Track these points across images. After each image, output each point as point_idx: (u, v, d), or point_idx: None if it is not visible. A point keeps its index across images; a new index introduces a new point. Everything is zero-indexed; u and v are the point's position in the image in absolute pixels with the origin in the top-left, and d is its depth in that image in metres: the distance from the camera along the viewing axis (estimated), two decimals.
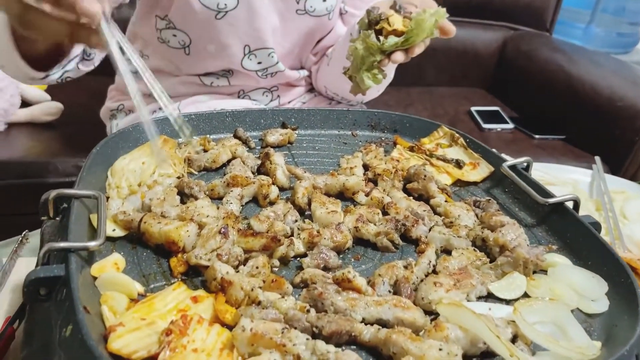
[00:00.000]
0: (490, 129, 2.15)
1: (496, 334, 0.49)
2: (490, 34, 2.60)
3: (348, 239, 0.67)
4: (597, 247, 0.64)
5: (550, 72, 2.30)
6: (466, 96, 2.49)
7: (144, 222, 0.61)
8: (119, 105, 1.29)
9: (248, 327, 0.49)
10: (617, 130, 1.94)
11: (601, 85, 2.06)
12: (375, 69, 0.90)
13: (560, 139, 2.14)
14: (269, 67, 1.14)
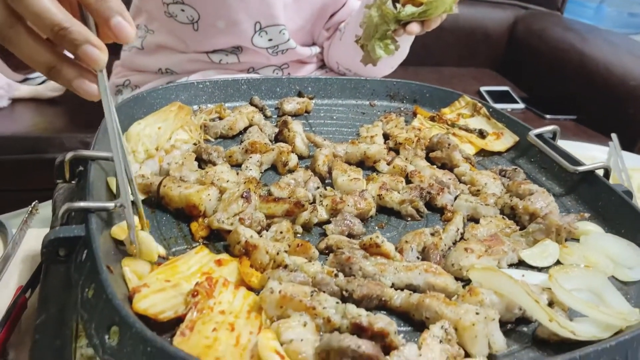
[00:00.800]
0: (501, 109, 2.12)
1: (535, 299, 0.47)
2: (500, 13, 2.55)
3: (372, 206, 0.65)
4: (630, 215, 0.62)
5: (562, 51, 2.26)
6: (475, 76, 2.45)
7: (164, 185, 0.59)
8: (125, 81, 1.26)
9: (277, 289, 0.47)
10: (631, 109, 1.91)
11: (614, 65, 2.02)
12: (388, 39, 0.87)
13: (572, 119, 2.11)
14: (279, 44, 1.11)
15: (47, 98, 1.75)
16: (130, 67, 1.25)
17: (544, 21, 2.45)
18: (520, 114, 2.14)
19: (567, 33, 2.31)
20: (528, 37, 2.45)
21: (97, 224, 0.50)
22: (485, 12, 2.52)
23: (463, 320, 0.46)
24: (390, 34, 0.86)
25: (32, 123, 1.65)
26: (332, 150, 0.74)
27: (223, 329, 0.44)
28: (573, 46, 2.22)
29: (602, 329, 0.47)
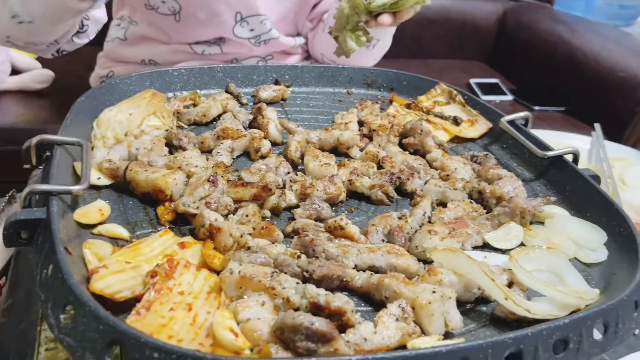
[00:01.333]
0: (489, 101, 2.11)
1: (491, 278, 0.47)
2: (490, 5, 2.55)
3: (342, 191, 0.65)
4: (596, 199, 0.63)
5: (551, 43, 2.26)
6: (465, 68, 2.45)
7: (130, 169, 0.59)
8: (109, 72, 1.26)
9: (236, 269, 0.47)
10: (618, 100, 1.91)
11: (602, 56, 2.03)
12: (360, 30, 0.86)
13: (560, 111, 2.12)
14: (262, 35, 1.11)
15: (34, 90, 1.74)
16: (113, 58, 1.25)
17: (534, 13, 2.45)
18: (508, 106, 2.14)
19: (556, 25, 2.31)
20: (517, 30, 2.45)
21: (59, 207, 0.50)
22: (475, 4, 2.52)
23: (420, 299, 0.47)
24: (362, 26, 0.85)
25: (18, 115, 1.65)
26: (305, 137, 0.74)
27: (180, 308, 0.45)
28: (562, 38, 2.22)
29: (559, 307, 0.48)
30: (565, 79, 2.16)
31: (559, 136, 1.23)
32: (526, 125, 0.78)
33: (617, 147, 1.20)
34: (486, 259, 0.55)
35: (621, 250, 0.56)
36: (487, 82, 2.28)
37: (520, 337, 0.42)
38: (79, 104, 0.68)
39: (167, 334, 0.41)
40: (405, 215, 0.61)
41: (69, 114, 0.65)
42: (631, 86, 1.88)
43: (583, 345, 0.44)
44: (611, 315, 0.46)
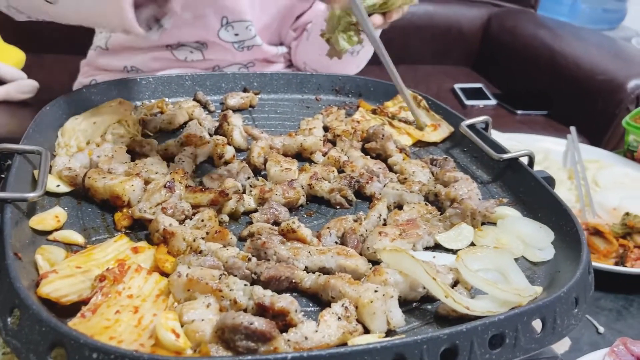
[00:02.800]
0: (473, 106, 2.14)
1: (432, 276, 0.48)
2: (474, 11, 2.58)
3: (300, 195, 0.67)
4: (547, 200, 0.64)
5: (534, 48, 2.29)
6: (450, 74, 2.47)
7: (89, 177, 0.61)
8: (91, 80, 1.27)
9: (184, 272, 0.49)
10: (599, 103, 1.94)
11: (583, 60, 2.05)
12: (352, 31, 0.88)
13: (543, 115, 2.14)
14: (245, 40, 1.12)
15: (18, 100, 1.75)
16: (96, 66, 1.27)
17: (517, 18, 2.48)
18: (492, 110, 2.16)
19: (539, 30, 2.33)
20: (501, 35, 2.48)
21: (13, 214, 0.51)
22: (459, 10, 2.55)
23: (362, 298, 0.48)
24: (354, 26, 0.87)
25: (2, 125, 1.66)
26: (269, 143, 0.76)
27: (126, 311, 0.46)
28: (544, 42, 2.25)
29: (499, 304, 0.49)
30: (547, 83, 2.18)
31: (535, 139, 1.25)
32: (486, 129, 0.80)
33: (591, 150, 1.22)
34: (435, 259, 0.56)
35: (567, 249, 0.58)
36: (471, 87, 2.30)
37: (455, 333, 0.43)
38: (44, 113, 0.69)
39: (109, 336, 0.43)
40: (361, 218, 0.62)
41: (32, 123, 0.66)
42: (611, 89, 1.90)
43: (520, 340, 0.46)
44: (549, 311, 0.48)
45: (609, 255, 0.87)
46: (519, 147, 1.19)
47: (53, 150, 0.68)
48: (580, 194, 1.04)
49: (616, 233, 0.90)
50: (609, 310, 0.74)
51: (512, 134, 1.25)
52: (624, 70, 1.91)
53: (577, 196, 1.04)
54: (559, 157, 1.21)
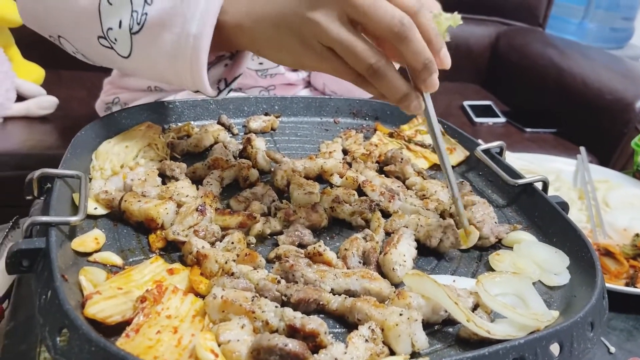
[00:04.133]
0: (482, 123, 2.17)
1: (454, 301, 0.51)
2: (482, 29, 2.62)
3: (323, 218, 0.69)
4: (561, 225, 0.66)
5: (542, 66, 2.32)
6: (460, 91, 2.51)
7: (125, 200, 0.64)
8: (114, 99, 1.30)
9: (219, 294, 0.51)
10: (607, 123, 1.96)
11: (591, 79, 2.08)
12: None
13: (552, 133, 2.16)
14: (269, 69, 1.16)
15: (38, 116, 1.80)
16: (119, 85, 1.30)
17: (525, 37, 2.52)
18: (501, 128, 2.19)
19: (547, 48, 2.37)
20: (509, 53, 2.52)
21: (58, 237, 0.54)
22: (468, 28, 2.59)
23: (388, 321, 0.50)
24: None
25: (22, 140, 1.70)
26: (291, 166, 0.79)
27: (167, 331, 0.49)
28: (552, 61, 2.28)
29: (518, 329, 0.52)
30: (556, 102, 2.21)
31: (546, 159, 1.28)
32: (501, 154, 0.83)
33: (601, 170, 1.24)
34: (455, 282, 0.59)
35: (582, 274, 0.60)
36: (481, 104, 2.33)
37: (478, 356, 0.46)
38: (79, 137, 0.73)
39: (153, 355, 0.45)
40: (370, 235, 0.65)
41: (69, 148, 0.70)
42: (619, 108, 1.93)
43: None
44: (566, 336, 0.50)
45: (620, 276, 0.89)
46: (529, 167, 1.22)
47: (88, 173, 0.71)
48: (590, 214, 1.06)
49: (626, 254, 0.92)
50: (620, 331, 0.76)
51: (523, 153, 1.27)
52: (632, 89, 1.94)
53: (588, 216, 1.06)
54: (570, 177, 1.23)
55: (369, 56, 0.56)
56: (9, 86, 1.72)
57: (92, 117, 1.42)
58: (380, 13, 0.54)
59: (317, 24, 0.56)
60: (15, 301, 0.67)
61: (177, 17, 0.66)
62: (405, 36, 0.55)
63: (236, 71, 0.76)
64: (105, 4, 0.69)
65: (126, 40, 0.70)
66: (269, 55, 0.65)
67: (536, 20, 2.61)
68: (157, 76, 0.75)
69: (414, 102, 0.59)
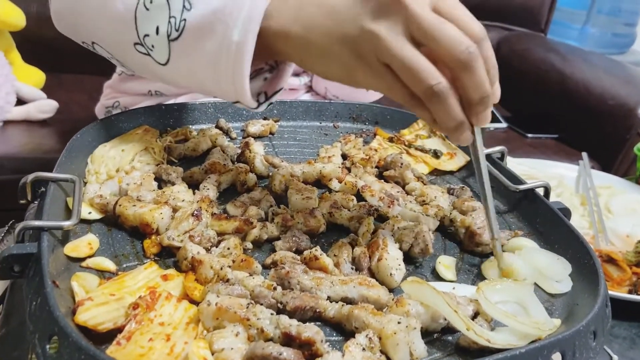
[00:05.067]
0: (484, 128, 2.16)
1: (454, 309, 0.50)
2: None
3: (321, 223, 0.68)
4: (563, 231, 0.65)
5: (543, 71, 2.31)
6: None
7: (119, 205, 0.63)
8: (114, 103, 1.30)
9: (214, 301, 0.50)
10: (609, 128, 1.95)
11: (593, 85, 2.07)
12: None
13: (553, 138, 2.15)
14: None
15: (38, 120, 1.80)
16: (119, 89, 1.29)
17: (527, 42, 2.51)
18: (503, 133, 2.18)
19: (549, 54, 2.36)
20: (511, 58, 2.51)
21: (50, 242, 0.54)
22: None
23: (386, 329, 0.49)
24: None
25: (21, 144, 1.70)
26: (290, 171, 0.78)
27: (159, 339, 0.48)
28: (554, 66, 2.28)
29: (519, 337, 0.50)
30: (558, 107, 2.20)
31: (548, 165, 1.27)
32: (502, 159, 0.82)
33: (603, 176, 1.23)
34: (455, 290, 0.58)
35: (584, 281, 0.59)
36: None
37: None
38: (74, 141, 0.72)
39: None
40: (356, 239, 0.64)
41: (64, 151, 0.69)
42: (621, 114, 1.92)
43: None
44: (568, 345, 0.49)
45: (623, 283, 0.88)
46: (531, 173, 1.21)
47: (83, 177, 0.70)
48: (593, 220, 1.05)
49: (629, 261, 0.91)
50: (623, 339, 0.75)
51: (524, 159, 1.26)
52: (634, 95, 1.93)
53: (590, 222, 1.05)
54: (572, 183, 1.22)
55: (431, 77, 0.51)
56: (9, 90, 1.72)
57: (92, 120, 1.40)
58: (448, 36, 0.50)
59: (378, 37, 0.52)
60: (8, 307, 0.66)
61: (218, 24, 0.62)
62: (471, 66, 0.51)
63: (277, 85, 0.71)
64: (142, 9, 0.66)
65: (164, 47, 0.66)
66: (315, 67, 0.61)
67: (538, 26, 2.60)
68: (196, 85, 0.71)
69: (465, 132, 0.56)
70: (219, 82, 0.65)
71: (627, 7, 3.01)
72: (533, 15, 2.58)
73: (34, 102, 1.81)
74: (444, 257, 0.65)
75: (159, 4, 0.65)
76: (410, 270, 0.63)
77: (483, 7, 2.55)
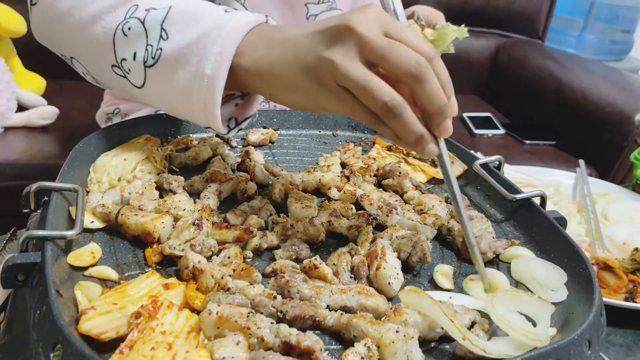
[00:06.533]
0: (482, 135, 2.17)
1: (450, 318, 0.51)
2: (482, 42, 2.63)
3: (321, 232, 0.69)
4: (559, 240, 0.66)
5: (541, 78, 2.33)
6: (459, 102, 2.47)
7: (122, 214, 0.64)
8: (115, 109, 1.31)
9: (214, 310, 0.51)
10: (606, 135, 1.97)
11: (590, 92, 2.09)
12: None
13: (551, 145, 2.17)
14: None
15: (39, 126, 1.81)
16: (119, 96, 1.30)
17: (525, 49, 2.53)
18: (500, 140, 2.19)
19: (546, 61, 2.38)
20: (509, 65, 2.53)
21: (53, 251, 0.54)
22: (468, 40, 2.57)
23: (384, 338, 0.50)
24: None
25: (22, 150, 1.71)
26: (289, 179, 0.79)
27: (161, 347, 0.48)
28: (551, 73, 2.29)
29: (515, 347, 0.51)
30: (555, 114, 2.22)
31: (545, 172, 1.28)
32: (499, 168, 0.83)
33: (600, 183, 1.24)
34: (451, 299, 0.59)
35: (579, 290, 0.60)
36: (480, 115, 2.34)
37: None
38: (77, 150, 0.73)
39: None
40: (355, 248, 0.65)
41: (67, 161, 0.70)
42: (618, 121, 1.93)
43: None
44: (563, 354, 0.49)
45: (619, 291, 0.89)
46: (528, 181, 1.22)
47: (86, 186, 0.71)
48: (589, 227, 1.06)
49: (625, 268, 0.92)
50: (619, 346, 0.76)
51: (522, 166, 1.27)
52: (631, 102, 1.95)
53: (587, 230, 1.06)
54: (569, 190, 1.23)
55: (385, 94, 0.55)
56: (10, 96, 1.73)
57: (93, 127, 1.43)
58: (398, 53, 0.54)
59: (333, 63, 0.56)
60: (11, 315, 0.67)
61: (192, 56, 0.65)
62: (423, 77, 0.54)
63: (247, 112, 0.76)
64: (120, 35, 0.70)
65: (140, 72, 0.70)
66: (284, 98, 0.64)
67: (536, 33, 2.62)
68: (169, 109, 0.74)
69: (429, 144, 0.58)
70: (192, 109, 0.69)
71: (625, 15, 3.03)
72: (531, 23, 2.60)
73: (34, 108, 1.82)
74: (441, 266, 0.66)
75: (137, 31, 0.69)
76: (408, 278, 0.64)
77: (481, 14, 2.57)
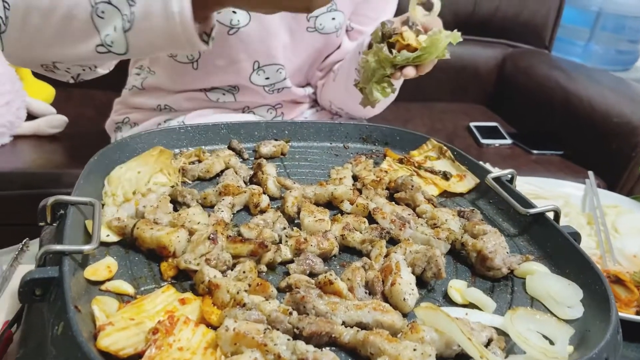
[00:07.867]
0: (488, 145, 2.17)
1: (468, 336, 0.51)
2: (489, 51, 2.63)
3: (334, 246, 0.69)
4: (574, 256, 0.66)
5: (548, 88, 2.33)
6: (466, 112, 2.52)
7: (137, 227, 0.64)
8: (124, 118, 1.32)
9: (231, 327, 0.51)
10: (614, 146, 1.96)
11: (598, 102, 2.08)
12: (385, 82, 0.94)
13: (558, 155, 2.16)
14: (276, 83, 1.17)
15: (48, 135, 1.82)
16: (129, 105, 1.31)
17: (531, 59, 2.53)
18: (507, 149, 2.19)
19: (553, 71, 2.38)
20: (516, 75, 2.53)
21: (71, 266, 0.55)
22: (475, 49, 2.60)
23: (401, 356, 0.50)
24: (387, 78, 0.93)
25: (31, 159, 1.71)
26: (302, 192, 0.79)
27: None
28: (558, 83, 2.29)
29: None
30: (562, 124, 2.21)
31: (554, 184, 1.27)
32: (511, 181, 0.83)
33: (610, 195, 1.24)
34: (467, 315, 0.58)
35: (596, 307, 0.60)
36: (487, 125, 2.34)
37: None
38: (92, 164, 0.73)
39: None
40: (369, 263, 0.65)
41: (82, 174, 0.70)
42: (626, 131, 1.93)
43: None
44: None
45: (630, 304, 0.88)
46: (538, 192, 1.22)
47: (100, 198, 0.71)
48: (600, 240, 1.06)
49: (637, 282, 0.91)
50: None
51: (531, 177, 1.27)
52: (639, 113, 1.94)
53: (597, 242, 1.06)
54: (579, 202, 1.23)
55: None
56: (19, 105, 1.74)
57: (102, 136, 1.44)
58: None
59: None
60: (26, 328, 0.67)
61: (157, 3, 0.80)
62: None
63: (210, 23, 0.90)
64: (97, 20, 0.83)
65: (121, 40, 0.84)
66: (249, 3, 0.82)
67: (542, 43, 2.62)
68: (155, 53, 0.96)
69: None
70: (175, 44, 0.85)
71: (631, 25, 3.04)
72: (537, 32, 2.60)
73: (44, 117, 1.83)
74: (455, 281, 0.66)
75: (110, 11, 0.82)
76: (423, 294, 0.64)
77: (488, 24, 2.57)
